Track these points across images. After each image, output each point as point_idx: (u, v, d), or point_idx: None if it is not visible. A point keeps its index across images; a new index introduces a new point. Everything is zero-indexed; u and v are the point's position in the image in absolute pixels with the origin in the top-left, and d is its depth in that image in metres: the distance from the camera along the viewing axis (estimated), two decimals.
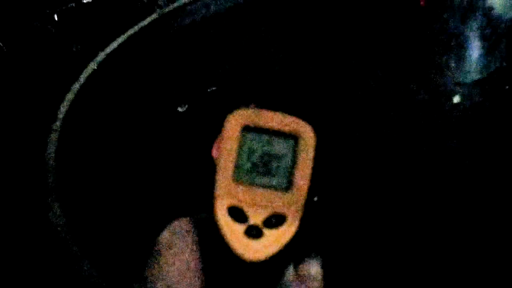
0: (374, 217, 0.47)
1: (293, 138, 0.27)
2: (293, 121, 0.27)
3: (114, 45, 0.64)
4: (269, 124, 0.26)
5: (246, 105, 0.46)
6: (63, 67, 1.21)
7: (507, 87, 0.63)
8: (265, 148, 0.27)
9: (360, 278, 0.45)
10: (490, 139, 0.57)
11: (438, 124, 0.58)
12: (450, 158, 0.54)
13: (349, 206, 0.48)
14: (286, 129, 0.27)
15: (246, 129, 0.27)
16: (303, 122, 0.27)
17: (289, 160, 0.27)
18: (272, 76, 0.66)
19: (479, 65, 0.64)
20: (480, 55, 0.64)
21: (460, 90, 0.63)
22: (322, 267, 0.28)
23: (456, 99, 0.61)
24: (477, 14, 0.60)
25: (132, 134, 0.59)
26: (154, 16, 0.69)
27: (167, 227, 0.27)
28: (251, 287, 0.27)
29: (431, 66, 0.62)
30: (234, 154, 0.26)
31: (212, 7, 0.76)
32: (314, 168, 0.27)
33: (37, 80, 1.20)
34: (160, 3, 1.43)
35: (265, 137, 0.27)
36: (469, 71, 0.64)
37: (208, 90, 0.62)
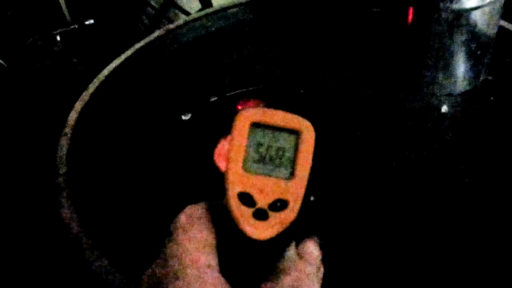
0: (367, 213, 0.50)
1: (295, 133, 0.31)
2: (295, 118, 0.31)
3: (122, 57, 0.68)
4: (274, 121, 0.31)
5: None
6: (67, 85, 1.24)
7: (492, 98, 0.67)
8: (271, 142, 0.31)
9: (355, 258, 0.47)
10: (475, 144, 0.60)
11: (427, 130, 0.61)
12: (438, 161, 0.57)
13: (343, 203, 0.51)
14: (289, 125, 0.31)
15: (254, 125, 0.31)
16: (304, 120, 0.31)
17: (292, 153, 0.31)
18: (272, 86, 0.70)
19: (465, 77, 0.68)
20: (466, 68, 0.68)
21: (448, 101, 0.67)
22: (320, 247, 0.32)
23: (444, 108, 0.65)
24: (462, 29, 0.64)
25: (139, 138, 0.62)
26: (160, 31, 0.73)
27: (183, 212, 0.30)
28: (259, 261, 0.31)
29: (421, 78, 0.66)
30: (243, 147, 0.30)
31: (215, 23, 0.80)
32: (313, 162, 0.31)
33: (40, 96, 1.23)
34: (162, 25, 1.48)
35: (270, 133, 0.31)
36: (456, 83, 0.68)
37: (211, 100, 0.66)
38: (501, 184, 0.55)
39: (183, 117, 0.66)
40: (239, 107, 0.59)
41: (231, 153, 0.30)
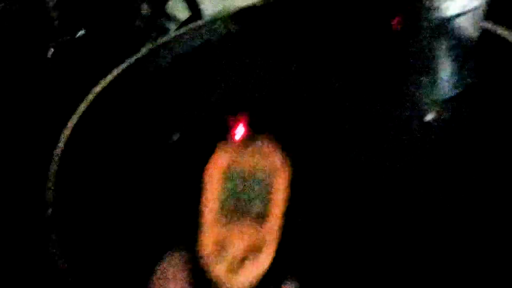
0: (350, 241, 0.50)
1: (268, 177, 0.32)
2: (269, 159, 0.32)
3: (108, 79, 0.68)
4: (247, 164, 0.31)
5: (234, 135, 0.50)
6: (58, 101, 1.25)
7: (478, 102, 0.67)
8: (243, 188, 0.32)
9: None
10: (461, 149, 0.60)
11: (413, 138, 0.61)
12: (424, 170, 0.57)
13: (325, 231, 0.51)
14: (262, 169, 0.32)
15: (226, 170, 0.32)
16: (278, 159, 0.31)
17: (265, 197, 0.32)
18: (260, 104, 0.70)
19: (451, 83, 0.68)
20: (451, 74, 0.68)
21: (434, 107, 0.67)
22: None
23: (430, 115, 0.65)
24: (445, 36, 0.64)
25: (128, 162, 0.62)
26: (145, 49, 0.74)
27: (162, 262, 0.32)
28: None
29: (406, 85, 0.66)
30: (216, 194, 0.31)
31: (203, 37, 0.80)
32: (292, 199, 0.31)
33: (32, 114, 1.23)
34: (153, 34, 1.48)
35: (243, 179, 0.32)
36: (441, 89, 0.68)
37: (198, 118, 0.66)
38: (489, 191, 0.55)
39: (173, 137, 0.66)
40: (231, 124, 0.59)
41: (205, 202, 0.31)
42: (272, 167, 0.31)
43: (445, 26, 0.63)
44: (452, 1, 0.59)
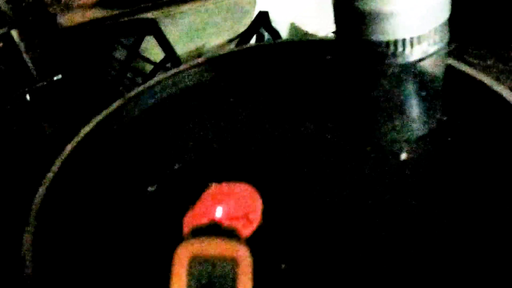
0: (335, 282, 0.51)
1: (233, 261, 0.34)
2: (232, 247, 0.34)
3: (81, 134, 0.69)
4: (212, 252, 0.33)
5: (207, 185, 0.51)
6: (36, 151, 1.24)
7: (449, 138, 0.69)
8: (210, 272, 0.34)
9: None
10: (438, 185, 0.62)
11: (388, 178, 0.63)
12: (402, 208, 0.58)
13: (314, 275, 0.52)
14: (227, 254, 0.34)
15: (193, 258, 0.34)
16: (241, 246, 0.34)
17: (231, 280, 0.34)
18: (235, 153, 0.71)
19: (420, 122, 0.70)
20: (420, 113, 0.70)
21: (407, 147, 0.68)
22: None
23: (404, 155, 0.66)
24: (410, 80, 0.66)
25: (107, 216, 0.62)
26: (119, 101, 0.74)
27: None
28: None
29: (377, 128, 0.68)
30: (184, 281, 0.33)
31: (174, 87, 0.81)
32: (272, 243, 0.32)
33: (10, 164, 1.22)
34: (128, 75, 1.49)
35: (209, 263, 0.34)
36: (412, 129, 0.70)
37: (175, 167, 0.67)
38: (467, 221, 0.57)
39: (149, 189, 0.67)
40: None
41: (173, 286, 0.32)
42: (235, 254, 0.33)
43: (409, 71, 0.65)
44: (413, 48, 0.61)
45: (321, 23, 1.44)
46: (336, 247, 0.55)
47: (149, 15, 1.33)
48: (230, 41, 1.42)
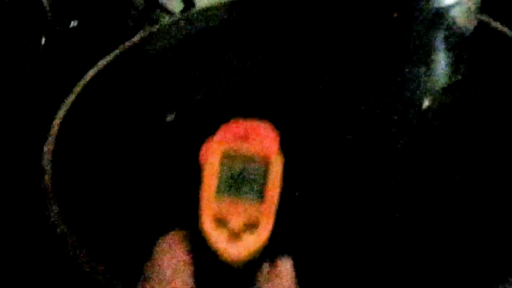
0: (348, 221, 0.51)
1: (265, 161, 0.34)
2: (265, 146, 0.34)
3: (104, 61, 0.68)
4: (244, 150, 0.33)
5: (230, 117, 0.52)
6: (51, 87, 1.24)
7: (472, 93, 0.68)
8: (241, 169, 0.34)
9: (330, 278, 0.47)
10: (457, 140, 0.61)
11: (409, 127, 0.62)
12: (421, 157, 0.58)
13: (324, 207, 0.51)
14: (259, 153, 0.34)
15: (225, 154, 0.34)
16: (273, 146, 0.34)
17: (261, 178, 0.33)
18: (257, 87, 0.70)
19: (446, 72, 0.69)
20: (447, 63, 0.69)
21: (429, 97, 0.68)
22: (294, 267, 0.34)
23: (425, 104, 0.66)
24: (441, 26, 0.65)
25: (124, 141, 0.62)
26: (142, 33, 0.74)
27: (163, 237, 0.33)
28: (234, 283, 0.33)
29: (401, 74, 0.67)
30: (216, 175, 0.33)
31: (198, 24, 0.80)
32: (285, 179, 0.33)
33: (25, 101, 1.22)
34: (146, 26, 1.48)
35: (241, 160, 0.34)
36: (436, 79, 0.69)
37: (196, 98, 0.66)
38: (484, 178, 0.56)
39: (168, 118, 0.66)
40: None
41: (205, 181, 0.33)
42: (269, 150, 0.33)
43: (440, 17, 0.64)
44: None
45: None
46: (350, 182, 0.55)
47: None
48: None
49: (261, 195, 0.33)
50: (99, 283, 0.46)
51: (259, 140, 0.34)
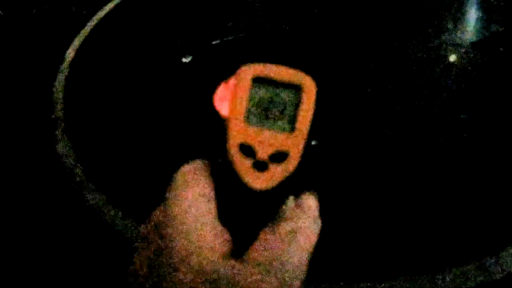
0: (367, 164, 0.50)
1: (297, 88, 0.30)
2: (297, 73, 0.31)
3: None
4: (276, 75, 0.31)
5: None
6: (62, 26, 1.22)
7: (501, 49, 0.65)
8: (272, 96, 0.30)
9: (352, 213, 0.47)
10: (483, 98, 0.59)
11: (434, 80, 0.60)
12: (444, 110, 0.56)
13: (344, 152, 0.50)
14: (291, 80, 0.31)
15: (256, 79, 0.30)
16: (305, 75, 0.31)
17: (293, 107, 0.30)
18: (276, 32, 0.68)
19: (476, 27, 0.66)
20: (478, 18, 0.66)
21: (457, 51, 0.65)
22: (318, 200, 0.31)
23: (452, 58, 0.63)
24: None
25: (138, 80, 0.60)
26: None
27: (183, 166, 0.30)
28: (258, 211, 0.30)
29: (429, 26, 0.64)
30: (245, 101, 0.30)
31: None
32: (315, 115, 0.30)
33: (36, 39, 1.21)
34: None
35: (272, 87, 0.30)
36: (466, 33, 0.66)
37: (213, 42, 0.64)
38: (505, 137, 0.54)
39: (184, 60, 0.64)
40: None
41: (233, 106, 0.30)
42: (302, 77, 0.30)
43: None
44: None
45: None
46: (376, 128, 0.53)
47: None
48: None
49: (292, 124, 0.29)
50: (102, 213, 0.46)
51: (290, 69, 0.31)
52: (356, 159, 0.50)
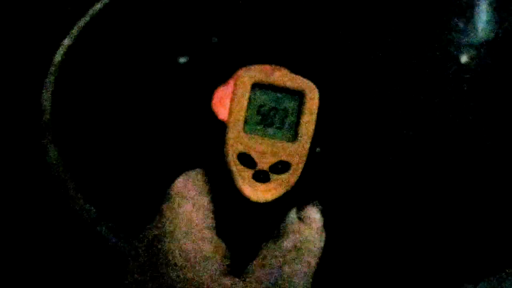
0: (372, 172, 0.48)
1: (299, 95, 0.30)
2: (299, 79, 0.29)
3: None
4: (277, 81, 0.31)
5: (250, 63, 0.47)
6: (56, 22, 1.19)
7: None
8: (273, 103, 0.30)
9: (356, 224, 0.45)
10: (495, 98, 0.57)
11: (445, 80, 0.58)
12: (455, 112, 0.54)
13: (348, 159, 0.48)
14: (293, 86, 0.29)
15: (256, 85, 0.30)
16: (308, 81, 0.29)
17: (295, 115, 0.30)
18: (276, 32, 0.65)
19: (487, 27, 0.64)
20: (489, 17, 0.64)
21: (468, 51, 0.63)
22: (322, 213, 0.31)
23: (464, 59, 0.61)
24: None
25: (131, 81, 0.57)
26: None
27: (180, 176, 0.30)
28: (259, 224, 0.30)
29: (440, 26, 0.62)
30: (244, 108, 0.29)
31: None
32: (318, 122, 0.30)
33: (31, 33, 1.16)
34: None
35: (273, 93, 0.30)
36: (477, 33, 0.64)
37: (212, 41, 0.61)
38: None
39: (180, 60, 0.61)
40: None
41: (232, 113, 0.29)
42: (304, 83, 0.29)
43: None
44: None
45: None
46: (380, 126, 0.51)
47: None
48: None
49: (294, 133, 0.29)
50: (91, 223, 0.43)
51: (292, 74, 0.30)
52: (362, 168, 0.48)
